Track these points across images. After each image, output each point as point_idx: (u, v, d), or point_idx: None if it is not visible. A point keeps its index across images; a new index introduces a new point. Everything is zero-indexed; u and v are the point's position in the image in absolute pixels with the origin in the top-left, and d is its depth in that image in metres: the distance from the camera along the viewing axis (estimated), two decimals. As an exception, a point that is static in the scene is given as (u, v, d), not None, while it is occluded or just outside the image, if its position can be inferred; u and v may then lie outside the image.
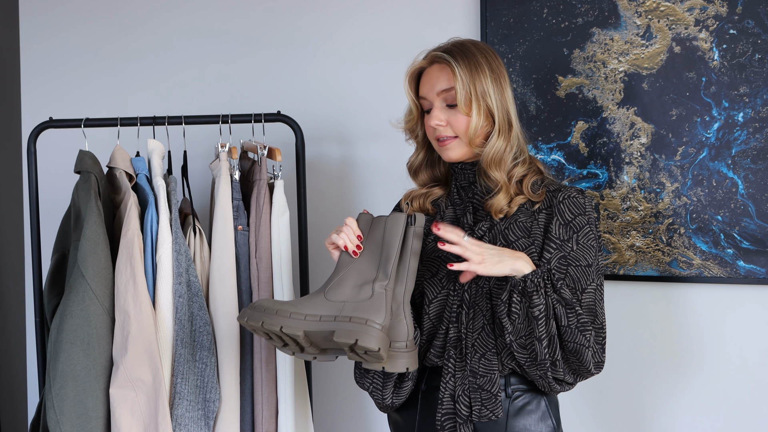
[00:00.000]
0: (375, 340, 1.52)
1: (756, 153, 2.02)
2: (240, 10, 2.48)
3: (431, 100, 1.69)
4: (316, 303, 1.61)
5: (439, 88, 1.67)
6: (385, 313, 1.57)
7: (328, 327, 1.57)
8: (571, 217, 1.65)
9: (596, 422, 2.20)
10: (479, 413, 1.60)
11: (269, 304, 1.61)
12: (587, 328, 1.58)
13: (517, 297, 1.57)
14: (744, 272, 2.04)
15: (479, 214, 1.71)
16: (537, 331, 1.55)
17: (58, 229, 2.12)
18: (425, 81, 1.70)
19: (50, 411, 1.85)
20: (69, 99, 2.61)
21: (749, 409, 2.08)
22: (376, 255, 1.64)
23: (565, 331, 1.56)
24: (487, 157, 1.67)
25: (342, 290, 1.62)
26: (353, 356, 1.58)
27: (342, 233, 1.65)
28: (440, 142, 1.69)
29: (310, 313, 1.59)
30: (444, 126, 1.67)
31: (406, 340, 1.59)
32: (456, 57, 1.66)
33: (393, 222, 1.64)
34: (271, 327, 1.57)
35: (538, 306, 1.55)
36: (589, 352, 1.57)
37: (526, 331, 1.57)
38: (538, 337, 1.56)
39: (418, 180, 1.82)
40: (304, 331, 1.57)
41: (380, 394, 1.71)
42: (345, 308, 1.59)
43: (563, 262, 1.63)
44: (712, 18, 2.04)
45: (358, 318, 1.56)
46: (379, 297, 1.59)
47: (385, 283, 1.60)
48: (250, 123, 2.10)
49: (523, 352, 1.59)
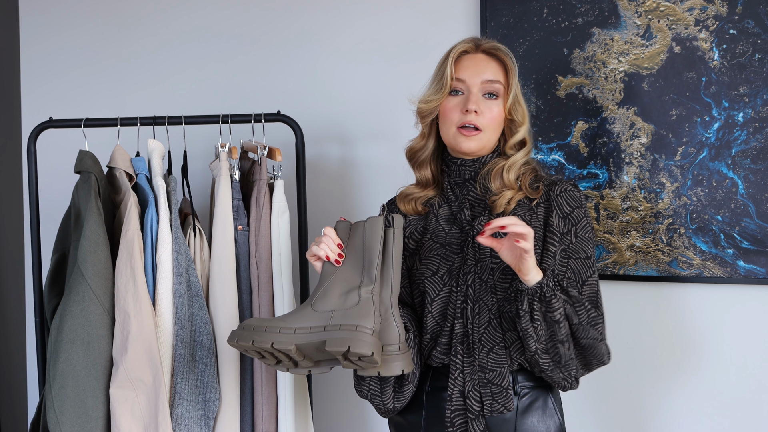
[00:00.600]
0: (367, 345, 1.52)
1: (756, 153, 2.02)
2: (240, 10, 2.48)
3: (470, 85, 1.69)
4: (305, 315, 1.60)
5: (486, 78, 1.68)
6: (374, 317, 1.57)
7: (319, 337, 1.56)
8: (569, 210, 1.67)
9: (597, 422, 2.20)
10: (491, 407, 1.61)
11: (257, 322, 1.61)
12: (598, 322, 1.61)
13: (537, 304, 1.57)
14: (744, 272, 2.04)
15: (476, 210, 1.72)
16: (559, 334, 1.57)
17: (58, 229, 2.12)
18: (468, 65, 1.70)
19: (50, 411, 1.85)
20: (69, 99, 2.61)
21: (749, 408, 2.08)
22: (359, 261, 1.63)
23: (577, 329, 1.59)
24: (510, 164, 1.70)
25: (329, 300, 1.61)
26: (347, 364, 1.58)
27: (322, 244, 1.65)
28: (464, 129, 1.68)
29: (299, 326, 1.59)
30: (478, 114, 1.67)
31: (398, 343, 1.59)
32: (508, 55, 1.72)
33: (371, 226, 1.63)
34: (262, 345, 1.57)
35: (558, 309, 1.56)
36: (603, 345, 1.62)
37: (547, 336, 1.58)
38: (560, 340, 1.57)
39: (421, 173, 1.79)
40: (296, 345, 1.57)
41: (380, 400, 1.70)
42: (334, 317, 1.58)
43: (563, 254, 1.65)
44: (712, 18, 2.04)
45: (348, 325, 1.56)
46: (367, 302, 1.59)
47: (371, 288, 1.60)
48: (250, 123, 2.10)
49: (546, 357, 1.60)
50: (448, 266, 1.69)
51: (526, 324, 1.58)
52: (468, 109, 1.66)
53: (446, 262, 1.69)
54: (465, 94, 1.69)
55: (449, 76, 1.69)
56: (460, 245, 1.69)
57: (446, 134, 1.71)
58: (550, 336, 1.58)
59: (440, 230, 1.73)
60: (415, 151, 1.79)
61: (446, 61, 1.70)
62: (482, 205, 1.71)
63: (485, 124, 1.68)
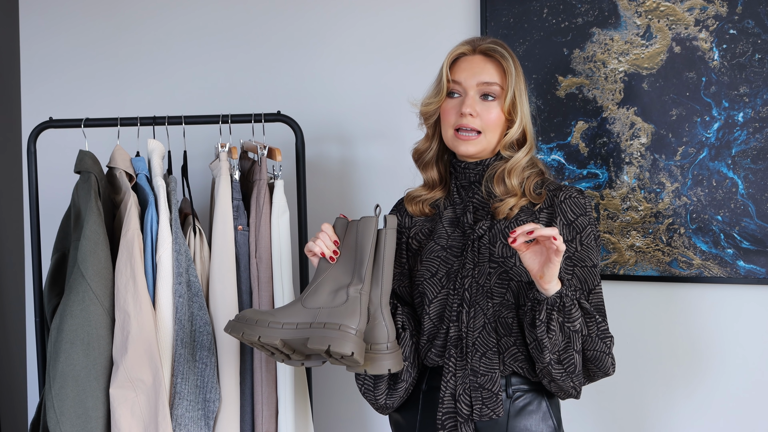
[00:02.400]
0: (348, 344, 1.53)
1: (756, 153, 2.02)
2: (239, 9, 2.48)
3: (467, 87, 1.68)
4: (294, 311, 1.62)
5: (482, 80, 1.68)
6: (360, 317, 1.58)
7: (304, 334, 1.58)
8: (573, 217, 1.65)
9: (596, 422, 2.20)
10: (480, 412, 1.61)
11: (251, 314, 1.63)
12: (607, 335, 1.59)
13: (556, 314, 1.55)
14: (744, 272, 2.04)
15: (479, 213, 1.71)
16: (576, 345, 1.56)
17: (58, 229, 2.12)
18: (465, 67, 1.70)
19: (50, 411, 1.85)
20: (69, 99, 2.61)
21: (749, 408, 2.08)
22: (351, 259, 1.64)
23: (586, 340, 1.57)
24: (512, 167, 1.68)
25: (318, 297, 1.63)
26: (333, 361, 1.60)
27: (318, 240, 1.65)
28: (460, 133, 1.68)
29: (287, 322, 1.61)
30: (474, 117, 1.67)
31: (386, 342, 1.59)
32: (506, 56, 1.69)
33: (364, 226, 1.64)
34: (249, 337, 1.60)
35: (579, 319, 1.55)
36: (609, 358, 1.59)
37: (562, 346, 1.56)
38: (577, 350, 1.56)
39: (428, 174, 1.79)
40: (281, 339, 1.59)
41: (372, 395, 1.71)
42: (320, 314, 1.60)
43: (569, 263, 1.64)
44: (712, 18, 2.04)
45: (332, 324, 1.57)
46: (354, 301, 1.60)
47: (360, 287, 1.61)
48: (250, 123, 2.10)
49: (558, 367, 1.58)
50: (447, 269, 1.68)
51: (542, 334, 1.54)
52: (463, 112, 1.67)
53: (446, 265, 1.69)
54: (462, 97, 1.69)
55: (446, 78, 1.70)
56: (461, 248, 1.69)
57: (445, 136, 1.72)
58: (564, 346, 1.56)
59: (443, 232, 1.73)
60: (421, 152, 1.79)
61: (444, 64, 1.71)
62: (485, 209, 1.71)
63: (484, 126, 1.67)
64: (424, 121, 1.77)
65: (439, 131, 1.76)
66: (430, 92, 1.74)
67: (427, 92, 1.75)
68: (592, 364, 1.60)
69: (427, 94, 1.75)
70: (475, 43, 1.72)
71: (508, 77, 1.68)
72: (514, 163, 1.69)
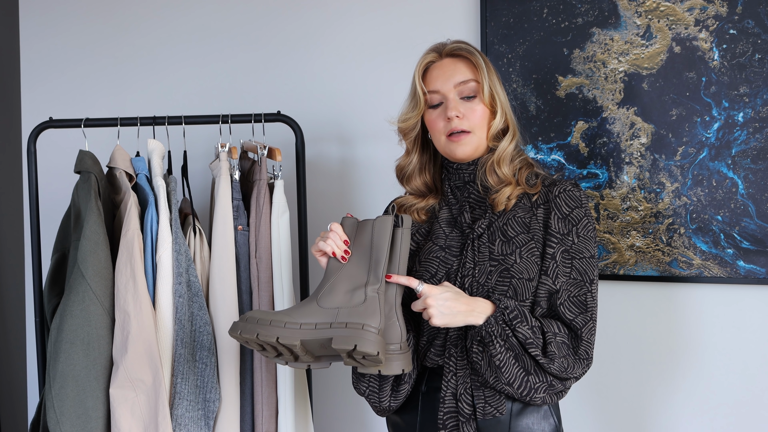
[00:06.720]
0: (373, 344, 1.52)
1: (756, 153, 2.02)
2: (239, 10, 2.48)
3: (445, 92, 1.69)
4: (310, 311, 1.60)
5: (457, 80, 1.69)
6: (380, 316, 1.57)
7: (325, 334, 1.56)
8: (569, 210, 1.66)
9: (596, 422, 2.21)
10: (483, 411, 1.61)
11: (262, 315, 1.60)
12: (562, 353, 1.59)
13: (477, 347, 1.59)
14: (744, 272, 2.04)
15: (476, 212, 1.72)
16: (503, 378, 1.58)
17: (58, 229, 2.12)
18: (437, 74, 1.71)
19: (50, 411, 1.85)
20: (69, 99, 2.61)
21: (749, 408, 2.08)
22: (366, 259, 1.63)
23: (542, 364, 1.58)
24: (499, 156, 1.70)
25: (334, 296, 1.61)
26: (350, 362, 1.58)
27: (329, 239, 1.65)
28: (453, 137, 1.69)
29: (305, 322, 1.58)
30: (461, 118, 1.68)
31: (399, 342, 1.59)
32: (473, 51, 1.71)
33: (380, 225, 1.64)
34: (267, 338, 1.56)
35: (497, 356, 1.57)
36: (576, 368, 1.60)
37: (492, 376, 1.59)
38: (506, 382, 1.58)
39: (411, 186, 1.80)
40: (301, 340, 1.57)
41: (377, 397, 1.71)
42: (340, 314, 1.58)
43: (566, 255, 1.64)
44: (712, 18, 2.04)
45: (354, 323, 1.56)
46: (373, 301, 1.59)
47: (377, 287, 1.60)
48: (250, 123, 2.10)
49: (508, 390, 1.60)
50: (447, 269, 1.69)
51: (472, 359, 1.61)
52: (449, 116, 1.68)
53: (445, 265, 1.69)
54: (444, 103, 1.70)
55: (421, 91, 1.71)
56: (460, 248, 1.69)
57: (439, 145, 1.73)
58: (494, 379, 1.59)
59: (440, 233, 1.73)
60: (401, 168, 1.81)
61: (415, 77, 1.72)
62: (483, 207, 1.72)
63: (472, 126, 1.69)
64: (403, 137, 1.78)
65: (420, 143, 1.77)
66: (405, 108, 1.75)
67: (402, 108, 1.76)
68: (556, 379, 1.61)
69: (402, 110, 1.76)
70: (440, 48, 1.73)
71: (480, 70, 1.69)
72: (501, 152, 1.70)
